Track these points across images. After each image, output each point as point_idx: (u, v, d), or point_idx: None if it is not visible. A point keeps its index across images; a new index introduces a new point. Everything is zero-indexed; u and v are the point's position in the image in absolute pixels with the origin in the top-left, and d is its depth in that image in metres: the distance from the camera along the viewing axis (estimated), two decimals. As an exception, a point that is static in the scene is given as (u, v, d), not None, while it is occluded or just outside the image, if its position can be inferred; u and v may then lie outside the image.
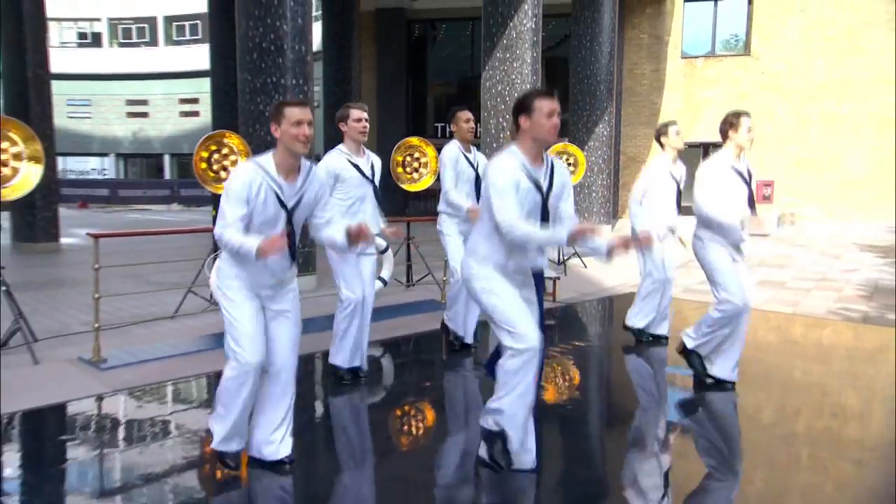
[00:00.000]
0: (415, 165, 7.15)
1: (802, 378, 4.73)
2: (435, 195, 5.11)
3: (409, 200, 15.99)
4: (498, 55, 9.26)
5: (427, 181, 7.24)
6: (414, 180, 7.22)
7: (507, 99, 8.85)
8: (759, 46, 15.75)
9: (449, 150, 4.71)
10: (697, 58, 16.28)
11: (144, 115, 33.26)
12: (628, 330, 5.38)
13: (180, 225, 15.39)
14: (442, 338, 5.14)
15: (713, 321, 4.09)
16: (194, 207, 23.62)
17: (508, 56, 9.20)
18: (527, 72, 9.17)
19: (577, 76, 12.94)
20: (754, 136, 4.02)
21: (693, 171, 4.16)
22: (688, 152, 5.18)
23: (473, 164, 4.72)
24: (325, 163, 4.06)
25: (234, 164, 5.89)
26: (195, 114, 31.38)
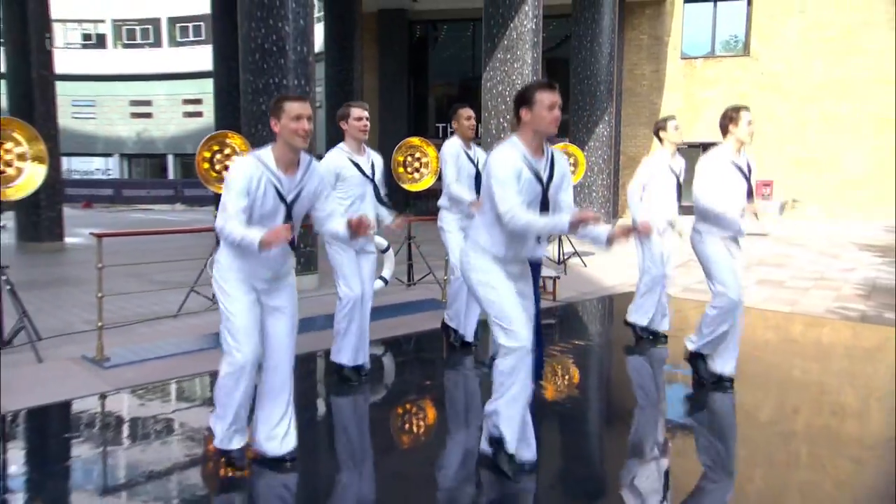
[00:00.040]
0: (416, 165, 7.15)
1: (801, 376, 4.71)
2: (436, 195, 5.10)
3: (410, 200, 15.99)
4: (499, 56, 9.26)
5: (428, 181, 7.24)
6: (415, 180, 7.22)
7: (508, 99, 8.85)
8: (758, 47, 15.74)
9: (450, 145, 4.71)
10: (697, 58, 16.27)
11: (148, 115, 33.29)
12: (629, 326, 5.37)
13: (183, 224, 15.40)
14: (442, 337, 5.14)
15: (711, 319, 4.08)
16: (197, 207, 23.63)
17: (509, 57, 9.21)
18: (527, 72, 9.17)
19: (577, 77, 12.93)
20: (754, 129, 4.00)
21: (693, 169, 4.15)
22: (688, 152, 5.17)
23: (474, 160, 4.71)
24: (326, 161, 4.05)
25: (237, 164, 5.89)
26: (198, 114, 31.39)
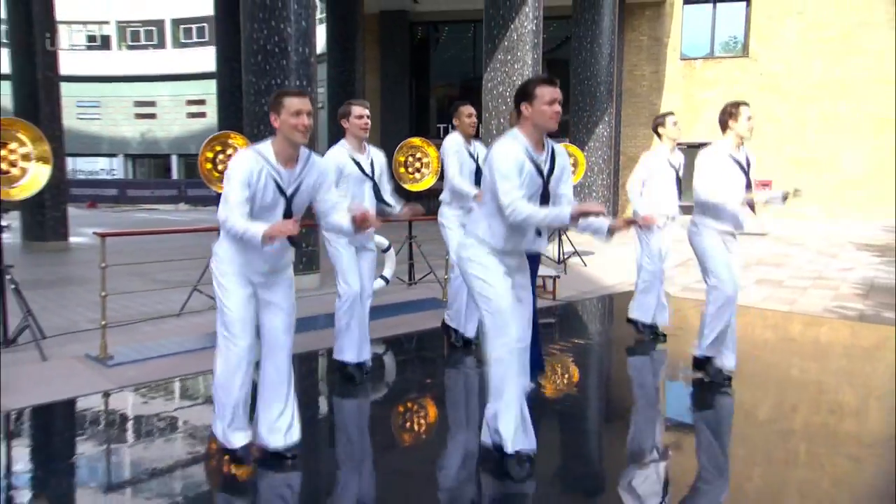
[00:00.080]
0: (417, 166, 7.14)
1: (799, 375, 4.71)
2: (437, 195, 5.10)
3: (410, 200, 16.00)
4: (499, 57, 9.25)
5: (429, 181, 7.23)
6: (416, 180, 7.21)
7: (509, 100, 8.84)
8: (757, 48, 15.71)
9: (451, 140, 4.70)
10: (696, 59, 16.24)
11: (152, 116, 33.32)
12: (632, 323, 5.36)
13: (187, 224, 15.40)
14: (443, 336, 5.13)
15: (711, 318, 4.08)
16: (201, 207, 23.65)
17: (510, 58, 9.20)
18: (528, 73, 9.16)
19: (577, 77, 12.92)
20: (753, 125, 3.99)
21: (693, 167, 4.14)
22: (687, 152, 5.18)
23: (474, 156, 4.71)
24: (328, 157, 4.04)
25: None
26: (202, 115, 31.44)
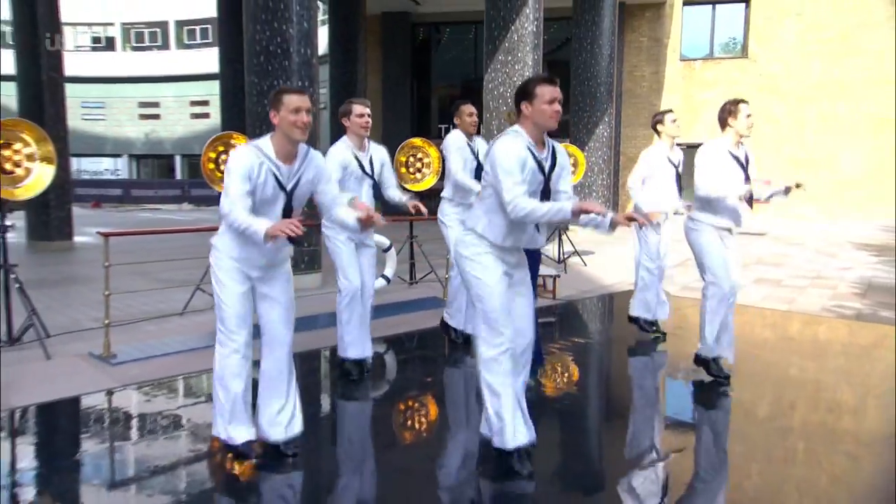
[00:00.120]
0: (417, 166, 7.15)
1: (798, 374, 4.69)
2: (438, 194, 5.09)
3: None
4: (500, 58, 9.25)
5: (430, 181, 7.23)
6: (417, 180, 7.21)
7: (509, 100, 8.84)
8: (756, 49, 15.69)
9: (453, 136, 4.69)
10: (696, 60, 16.22)
11: (156, 116, 33.36)
12: (633, 321, 5.35)
13: (190, 224, 15.42)
14: (444, 334, 5.12)
15: (710, 317, 4.09)
16: (204, 207, 23.67)
17: (510, 59, 9.19)
18: (528, 74, 9.15)
19: (577, 78, 12.92)
20: (753, 122, 3.98)
21: (692, 166, 4.14)
22: (687, 153, 5.18)
23: (475, 152, 4.71)
24: (332, 154, 4.03)
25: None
26: (205, 115, 31.46)
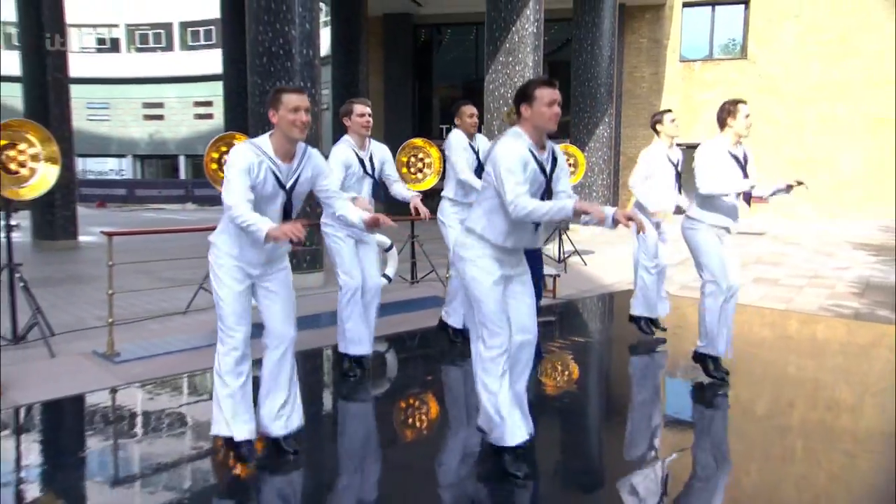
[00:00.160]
0: (419, 166, 7.14)
1: (796, 372, 4.68)
2: (439, 194, 5.08)
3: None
4: (501, 59, 9.24)
5: (431, 181, 7.23)
6: (418, 180, 7.21)
7: (510, 101, 8.82)
8: (755, 50, 15.66)
9: (456, 137, 4.69)
10: (696, 61, 16.20)
11: (160, 117, 33.37)
12: (633, 321, 5.35)
13: (194, 224, 15.42)
14: (445, 333, 5.12)
15: (708, 313, 4.09)
16: (208, 207, 23.67)
17: (511, 59, 9.19)
18: (529, 75, 9.15)
19: (578, 79, 12.91)
20: (751, 122, 3.98)
21: (691, 166, 4.13)
22: (686, 153, 5.17)
23: (476, 151, 4.71)
24: (335, 153, 4.03)
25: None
26: (209, 116, 31.46)
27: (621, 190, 15.96)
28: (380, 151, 4.26)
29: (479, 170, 4.61)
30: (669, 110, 5.14)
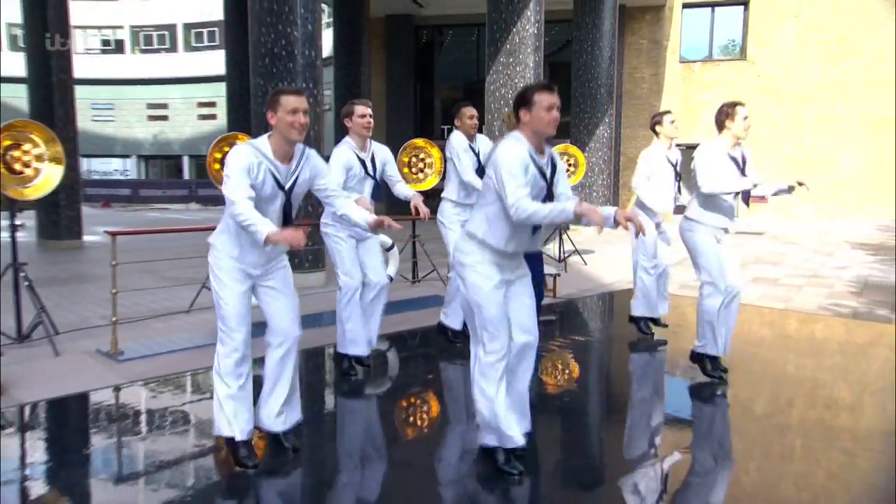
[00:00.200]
0: (420, 166, 7.14)
1: (795, 371, 4.67)
2: (439, 195, 5.08)
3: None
4: (501, 60, 9.23)
5: (432, 181, 7.22)
6: (419, 180, 7.20)
7: (511, 102, 8.81)
8: (755, 51, 15.64)
9: (457, 139, 4.68)
10: (695, 62, 16.18)
11: (164, 118, 33.42)
12: (633, 322, 5.34)
13: (198, 223, 15.43)
14: (445, 335, 5.11)
15: (706, 314, 4.08)
16: (211, 206, 23.69)
17: (512, 60, 9.17)
18: (529, 76, 9.14)
19: (578, 80, 12.90)
20: (750, 124, 3.97)
21: (690, 166, 4.13)
22: (686, 153, 5.17)
23: (476, 152, 4.69)
24: (337, 155, 4.03)
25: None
26: (213, 117, 31.50)
27: (621, 190, 15.95)
28: (381, 152, 4.24)
29: (480, 171, 4.60)
30: (669, 112, 5.14)
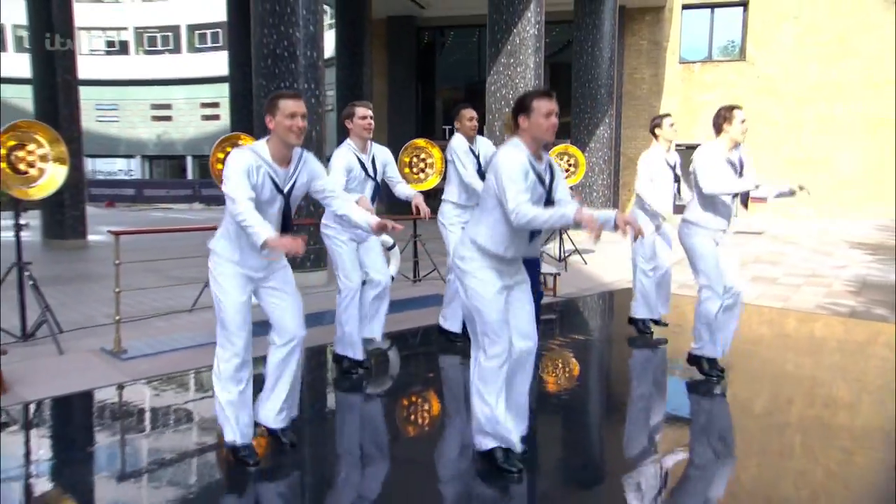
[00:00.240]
0: (421, 166, 7.14)
1: (794, 370, 4.66)
2: (440, 195, 5.07)
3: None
4: (502, 61, 9.22)
5: (433, 181, 7.22)
6: (420, 180, 7.20)
7: (512, 103, 8.78)
8: (754, 52, 15.62)
9: (458, 141, 4.68)
10: (695, 63, 16.16)
11: (168, 118, 33.46)
12: (632, 323, 5.33)
13: (201, 223, 15.44)
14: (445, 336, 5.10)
15: (703, 317, 4.08)
16: (214, 206, 23.70)
17: (512, 61, 9.16)
18: (530, 76, 9.12)
19: (578, 80, 12.88)
20: (747, 127, 3.96)
21: (688, 167, 4.12)
22: (686, 154, 5.16)
23: (476, 154, 4.69)
24: (338, 156, 4.03)
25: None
26: (216, 117, 31.54)
27: (621, 190, 15.93)
28: (381, 154, 4.24)
29: (481, 173, 4.60)
30: (668, 115, 5.14)
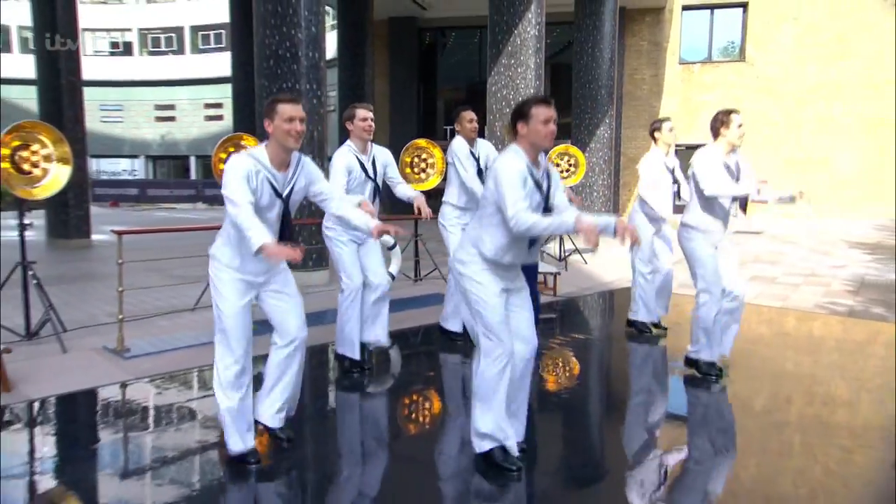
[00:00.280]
0: (422, 166, 7.13)
1: (793, 369, 4.66)
2: (441, 195, 5.06)
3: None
4: (503, 61, 9.20)
5: (434, 181, 7.21)
6: (421, 180, 7.19)
7: (512, 103, 8.79)
8: (753, 52, 15.60)
9: (459, 144, 4.67)
10: (695, 63, 16.14)
11: (172, 119, 33.51)
12: (631, 325, 5.32)
13: (204, 222, 15.45)
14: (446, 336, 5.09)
15: (701, 321, 4.08)
16: (217, 206, 23.72)
17: (513, 62, 9.14)
18: (531, 77, 9.11)
19: (579, 81, 12.85)
20: (744, 132, 3.96)
21: (687, 169, 4.12)
22: (686, 154, 5.15)
23: (476, 157, 4.69)
24: (338, 158, 4.02)
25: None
26: (219, 118, 31.57)
27: (622, 190, 15.92)
28: (381, 155, 4.23)
29: (481, 176, 4.59)
30: (668, 119, 5.13)
